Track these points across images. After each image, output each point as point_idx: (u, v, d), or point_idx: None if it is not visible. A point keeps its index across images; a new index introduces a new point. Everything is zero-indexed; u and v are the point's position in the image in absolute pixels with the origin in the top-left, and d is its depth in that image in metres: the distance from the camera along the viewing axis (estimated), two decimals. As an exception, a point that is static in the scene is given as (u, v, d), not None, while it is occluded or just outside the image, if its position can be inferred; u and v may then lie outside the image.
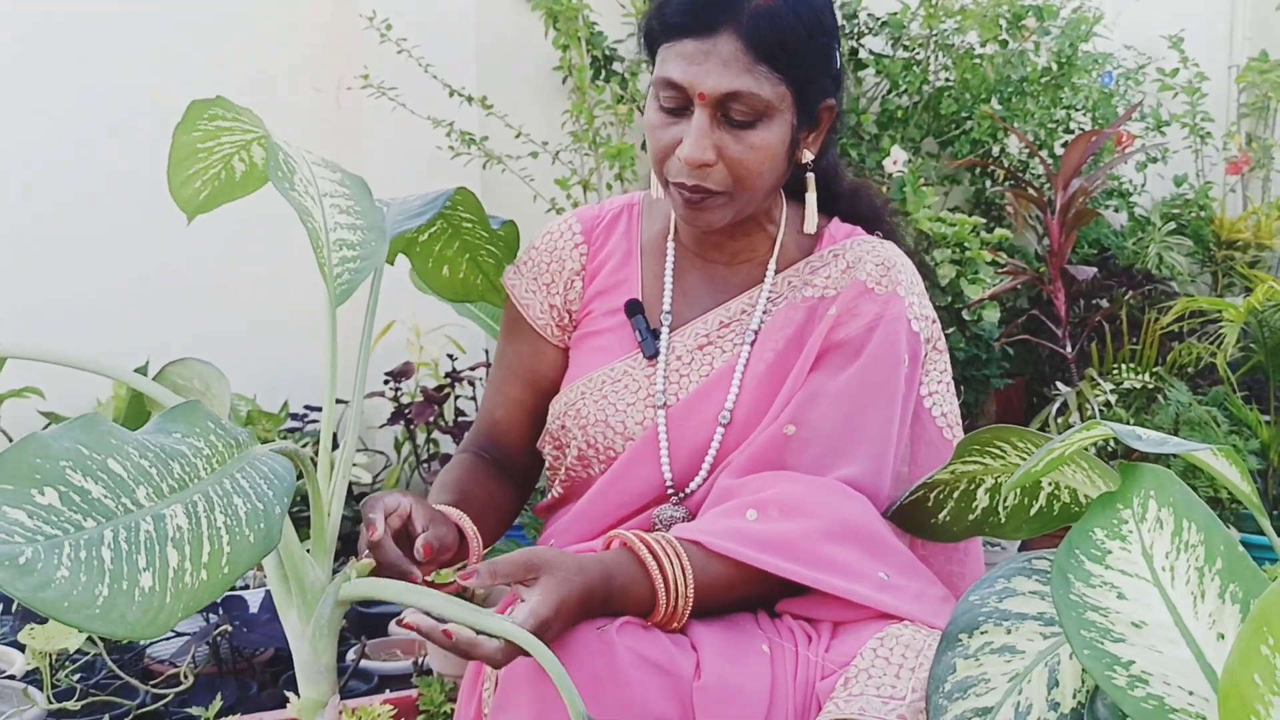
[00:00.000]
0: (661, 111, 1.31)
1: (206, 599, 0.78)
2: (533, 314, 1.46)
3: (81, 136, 3.05)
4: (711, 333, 1.40)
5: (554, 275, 1.46)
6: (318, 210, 1.08)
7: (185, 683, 1.87)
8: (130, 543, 0.76)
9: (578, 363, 1.44)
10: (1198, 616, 0.86)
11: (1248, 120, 4.81)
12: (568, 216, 1.51)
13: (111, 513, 0.78)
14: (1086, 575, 0.91)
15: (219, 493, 0.84)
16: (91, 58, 3.08)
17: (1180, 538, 0.90)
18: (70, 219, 3.04)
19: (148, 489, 0.81)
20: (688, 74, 1.26)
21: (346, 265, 1.09)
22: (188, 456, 0.86)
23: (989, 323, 3.25)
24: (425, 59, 3.15)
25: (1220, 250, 4.29)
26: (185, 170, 1.25)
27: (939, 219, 3.28)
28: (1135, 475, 0.96)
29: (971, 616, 0.99)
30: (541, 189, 3.27)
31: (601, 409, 1.38)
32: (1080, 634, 0.86)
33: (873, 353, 1.35)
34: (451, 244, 1.41)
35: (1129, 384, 2.91)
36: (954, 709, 0.95)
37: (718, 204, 1.32)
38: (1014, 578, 1.01)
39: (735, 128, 1.28)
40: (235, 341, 3.02)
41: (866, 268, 1.40)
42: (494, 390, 1.51)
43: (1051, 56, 3.93)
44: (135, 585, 0.75)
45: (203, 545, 0.80)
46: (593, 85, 3.36)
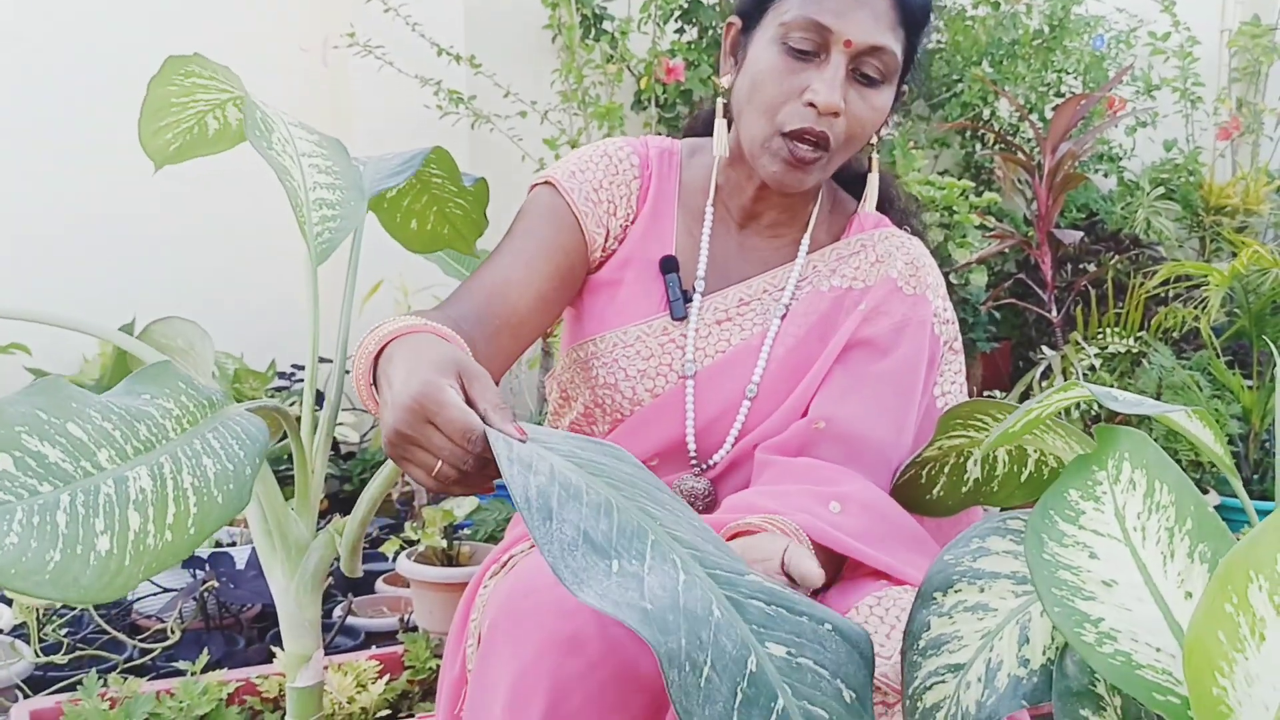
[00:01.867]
0: (787, 53, 1.25)
1: (171, 560, 0.78)
2: (589, 225, 1.35)
3: (66, 96, 3.03)
4: (731, 308, 1.37)
5: (615, 198, 1.37)
6: (296, 170, 1.08)
7: (172, 637, 1.89)
8: (88, 506, 0.76)
9: (596, 312, 1.38)
10: (1167, 575, 0.87)
11: (1238, 85, 4.80)
12: (620, 144, 1.41)
13: (70, 476, 0.78)
14: (1060, 535, 0.92)
15: (188, 454, 0.84)
16: (74, 16, 3.06)
17: (1152, 498, 0.90)
18: (58, 178, 3.03)
19: (110, 452, 0.80)
20: (839, 18, 1.22)
21: (327, 224, 1.09)
22: (155, 418, 0.86)
23: (976, 287, 3.26)
24: (413, 18, 3.14)
25: (1208, 215, 4.30)
26: (157, 122, 1.25)
27: (928, 182, 3.28)
28: (1110, 437, 0.96)
29: (946, 575, 1.00)
30: (530, 148, 3.26)
31: (611, 373, 1.35)
32: (1051, 592, 0.87)
33: (902, 355, 1.34)
34: (420, 198, 1.41)
35: (1113, 348, 2.92)
36: (927, 665, 0.97)
37: (819, 163, 1.27)
38: (989, 537, 1.02)
39: (862, 84, 1.25)
40: (223, 300, 3.02)
41: (897, 264, 1.38)
42: (514, 257, 1.30)
43: (1043, 19, 3.92)
44: (91, 549, 0.74)
45: (168, 507, 0.79)
46: (582, 44, 3.34)
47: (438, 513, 2.03)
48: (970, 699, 0.94)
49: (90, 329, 1.21)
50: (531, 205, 1.37)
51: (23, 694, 1.79)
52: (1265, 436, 2.92)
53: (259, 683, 1.76)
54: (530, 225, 1.34)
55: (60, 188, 3.03)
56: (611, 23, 3.46)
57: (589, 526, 0.80)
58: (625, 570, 0.78)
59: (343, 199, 1.13)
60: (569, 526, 0.79)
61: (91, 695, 1.60)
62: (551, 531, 0.78)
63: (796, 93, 1.24)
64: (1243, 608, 0.76)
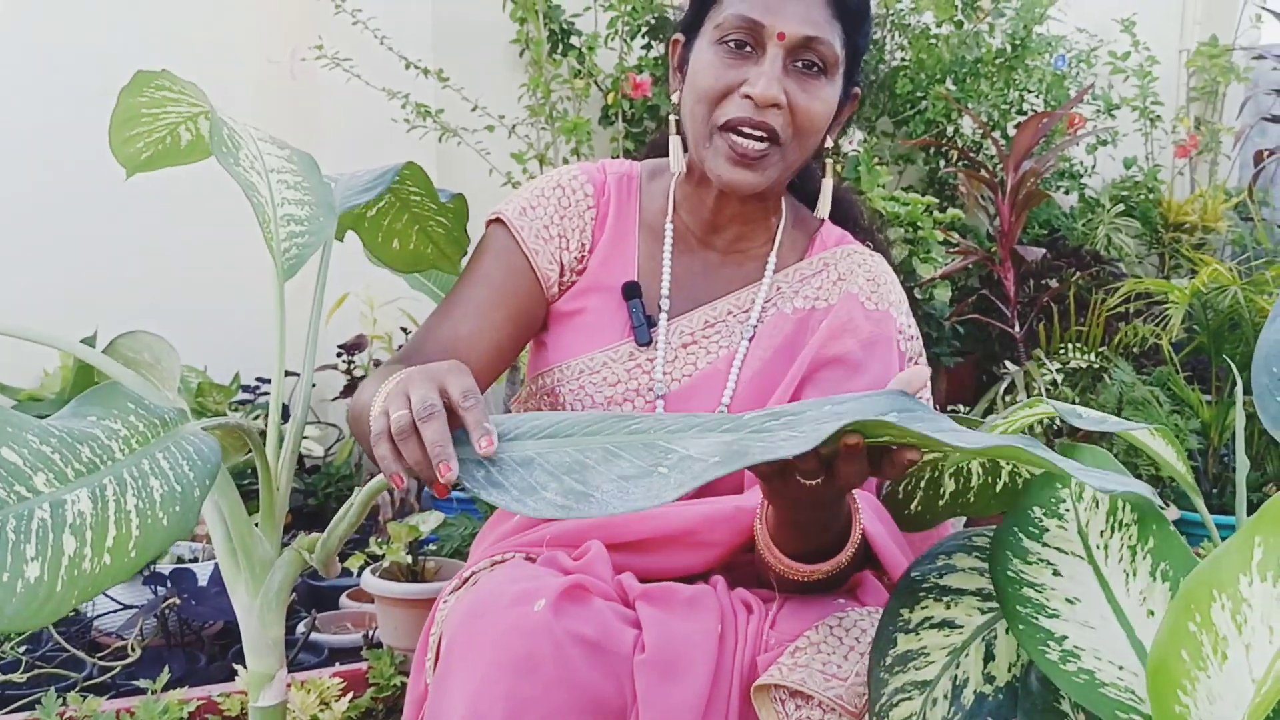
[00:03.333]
0: (724, 51, 1.26)
1: (108, 583, 0.76)
2: (540, 262, 1.35)
3: (32, 109, 3.00)
4: (696, 331, 1.37)
5: (566, 232, 1.37)
6: (264, 185, 1.07)
7: (133, 655, 1.86)
8: (19, 532, 0.75)
9: (561, 342, 1.38)
10: (1129, 594, 0.88)
11: (1197, 104, 4.87)
12: (575, 172, 1.41)
13: (0, 502, 0.76)
14: (1024, 552, 0.93)
15: (134, 475, 0.82)
16: (39, 28, 3.02)
17: (1115, 517, 0.91)
18: (22, 192, 3.00)
19: (48, 475, 0.79)
20: (769, 13, 1.24)
21: (294, 240, 1.08)
22: (100, 439, 0.84)
23: (940, 302, 3.29)
24: (381, 30, 3.13)
25: (1168, 232, 4.35)
26: (127, 131, 1.24)
27: (893, 198, 3.30)
28: (1073, 455, 0.97)
29: (912, 591, 1.01)
30: (497, 162, 3.26)
31: (579, 400, 1.34)
32: (1016, 609, 0.88)
33: (871, 375, 1.34)
34: (400, 217, 1.40)
35: (1075, 363, 2.95)
36: (894, 682, 0.97)
37: (770, 158, 1.27)
38: (954, 554, 1.02)
39: (802, 76, 1.26)
40: (187, 313, 2.98)
41: (859, 281, 1.39)
42: (464, 308, 1.32)
43: (1006, 38, 3.96)
44: (19, 576, 0.73)
45: (108, 530, 0.77)
46: (550, 59, 3.35)
47: (403, 528, 2.01)
48: (937, 715, 0.94)
49: (55, 342, 1.20)
50: (485, 247, 1.37)
51: (-21, 713, 1.76)
52: (1224, 451, 2.96)
53: (220, 701, 1.74)
54: (484, 271, 1.35)
55: (25, 201, 2.99)
56: (579, 38, 3.46)
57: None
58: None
59: (311, 215, 1.12)
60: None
61: (50, 714, 1.58)
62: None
63: (734, 87, 1.25)
64: (1205, 627, 0.76)
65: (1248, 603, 0.74)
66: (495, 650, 1.07)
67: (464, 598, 1.21)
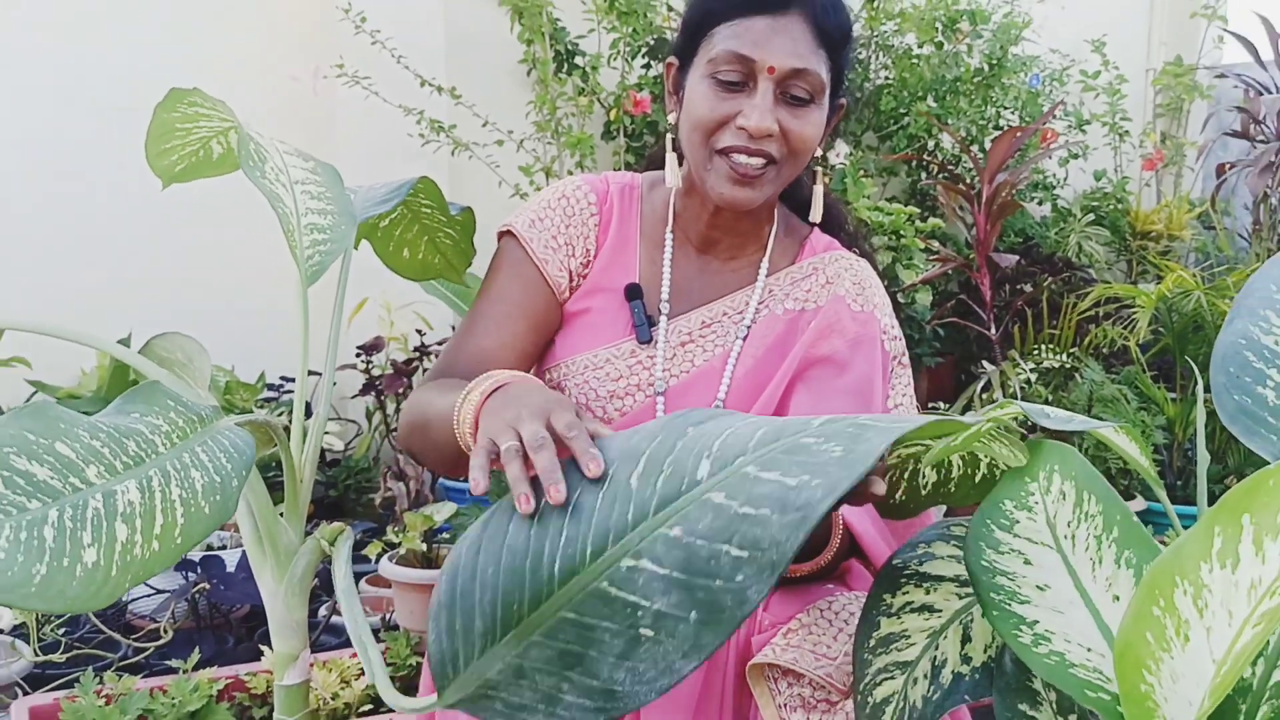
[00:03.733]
0: (718, 86, 1.27)
1: (157, 568, 0.77)
2: (550, 271, 1.37)
3: (68, 120, 3.01)
4: (694, 330, 1.38)
5: (572, 240, 1.38)
6: (289, 196, 1.08)
7: (165, 637, 1.87)
8: (75, 520, 0.76)
9: (569, 339, 1.39)
10: (1096, 580, 0.88)
11: (1163, 120, 4.88)
12: (578, 183, 1.42)
13: (57, 493, 0.77)
14: (997, 543, 0.93)
15: (176, 467, 0.83)
16: (76, 41, 3.04)
17: (1081, 508, 0.92)
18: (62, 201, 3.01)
19: (99, 468, 0.80)
20: (758, 49, 1.24)
21: (317, 248, 1.09)
22: (145, 434, 0.85)
23: (921, 305, 3.29)
24: (397, 50, 3.14)
25: (1135, 240, 4.36)
26: (162, 144, 1.24)
27: (877, 208, 3.31)
28: (1042, 451, 0.98)
29: (894, 578, 1.01)
30: (506, 175, 3.26)
31: (583, 392, 1.35)
32: (990, 596, 0.88)
33: (857, 372, 1.35)
34: (411, 228, 1.40)
35: (1048, 364, 2.96)
36: (877, 662, 0.97)
37: (766, 179, 1.28)
38: (934, 543, 1.03)
39: (792, 104, 1.26)
40: (215, 315, 2.99)
41: (845, 284, 1.40)
42: (486, 324, 1.35)
43: (983, 58, 3.97)
44: (78, 561, 0.74)
45: (155, 518, 0.78)
46: (555, 78, 3.35)
47: (418, 517, 2.02)
48: (917, 694, 0.95)
49: (95, 342, 1.20)
50: (500, 261, 1.39)
51: (22, 691, 1.76)
52: (1188, 446, 2.96)
53: (248, 679, 1.74)
54: (501, 285, 1.37)
55: (65, 209, 3.00)
56: (583, 58, 3.47)
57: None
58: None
59: (333, 224, 1.13)
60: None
61: (88, 692, 1.58)
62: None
63: (730, 118, 1.26)
64: (1169, 610, 0.77)
65: (1208, 588, 0.75)
66: None
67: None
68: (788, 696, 1.08)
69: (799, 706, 1.07)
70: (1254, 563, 0.73)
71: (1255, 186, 3.19)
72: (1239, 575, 0.73)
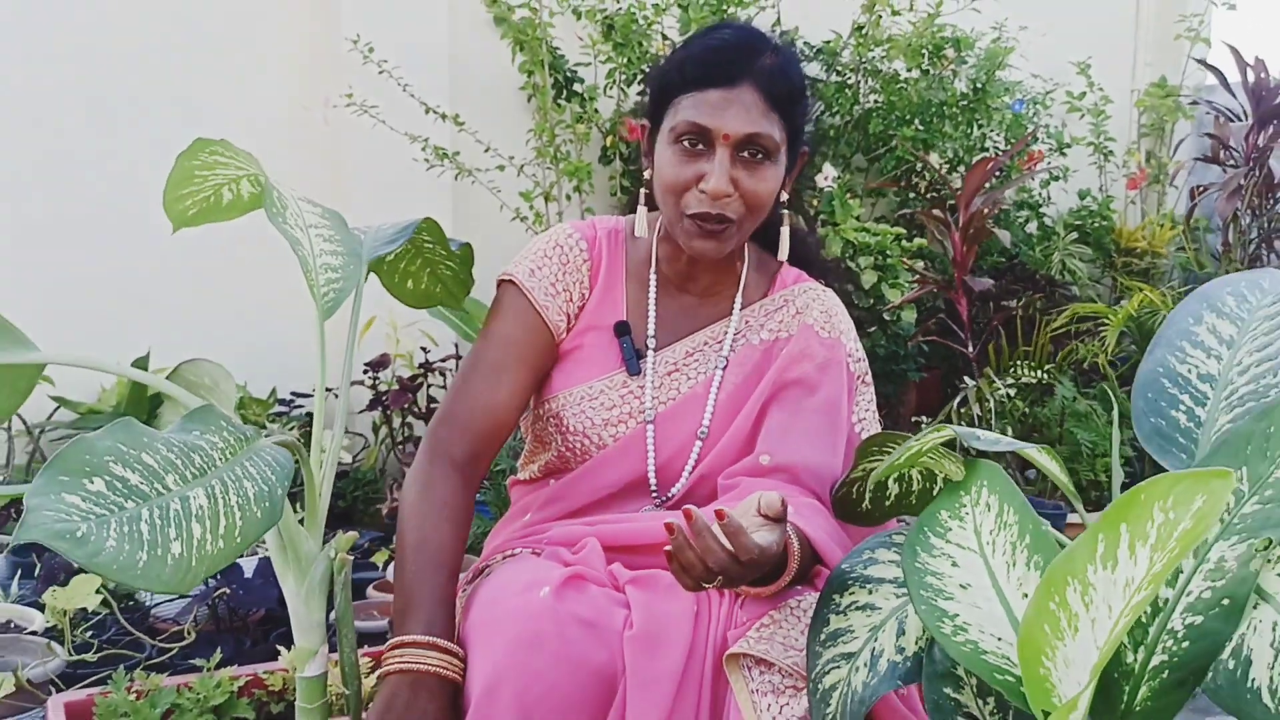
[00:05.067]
0: (681, 152, 1.41)
1: (223, 562, 0.92)
2: (551, 316, 1.49)
3: (87, 147, 3.15)
4: (679, 360, 1.52)
5: (569, 285, 1.51)
6: (305, 240, 1.21)
7: (188, 638, 2.00)
8: (162, 519, 0.91)
9: (564, 373, 1.52)
10: (1009, 580, 1.01)
11: (1147, 140, 5.01)
12: (569, 231, 1.55)
13: (146, 495, 0.92)
14: (930, 547, 1.07)
15: (232, 478, 0.98)
16: (96, 72, 3.17)
17: (1002, 518, 1.05)
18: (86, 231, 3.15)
19: (175, 476, 0.95)
20: (715, 118, 1.38)
21: (331, 285, 1.23)
22: (205, 450, 1.00)
23: (907, 323, 3.43)
24: (404, 79, 3.27)
25: (1120, 257, 4.49)
26: (179, 190, 1.37)
27: (864, 229, 3.45)
28: (975, 468, 1.11)
29: (842, 580, 1.15)
30: (507, 199, 3.40)
31: (580, 421, 1.49)
32: (920, 593, 1.02)
33: (825, 393, 1.50)
34: (415, 261, 1.54)
35: (1027, 379, 3.09)
36: (826, 654, 1.11)
37: (728, 234, 1.43)
38: (877, 549, 1.16)
39: (749, 165, 1.40)
40: (226, 332, 3.14)
41: (814, 314, 1.54)
42: (497, 373, 1.47)
43: (969, 83, 4.10)
44: (168, 552, 0.89)
45: (219, 520, 0.94)
46: (554, 106, 3.49)
47: (423, 527, 2.15)
48: (859, 680, 1.08)
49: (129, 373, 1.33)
50: (501, 307, 1.51)
51: (56, 689, 1.89)
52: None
53: (265, 677, 1.87)
54: (503, 330, 1.50)
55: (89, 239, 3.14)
56: (581, 85, 3.61)
57: None
58: None
59: (344, 263, 1.26)
60: None
61: (120, 688, 1.71)
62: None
63: (694, 181, 1.40)
64: (1062, 605, 0.90)
65: (1094, 586, 0.88)
66: (507, 629, 1.22)
67: (480, 586, 1.36)
68: (760, 683, 1.20)
69: (769, 691, 1.20)
70: (1128, 564, 0.86)
71: (1224, 210, 3.33)
72: (1117, 575, 0.87)
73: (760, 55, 1.40)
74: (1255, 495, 0.94)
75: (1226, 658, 0.89)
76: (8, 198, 3.08)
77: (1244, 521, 0.94)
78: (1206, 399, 1.20)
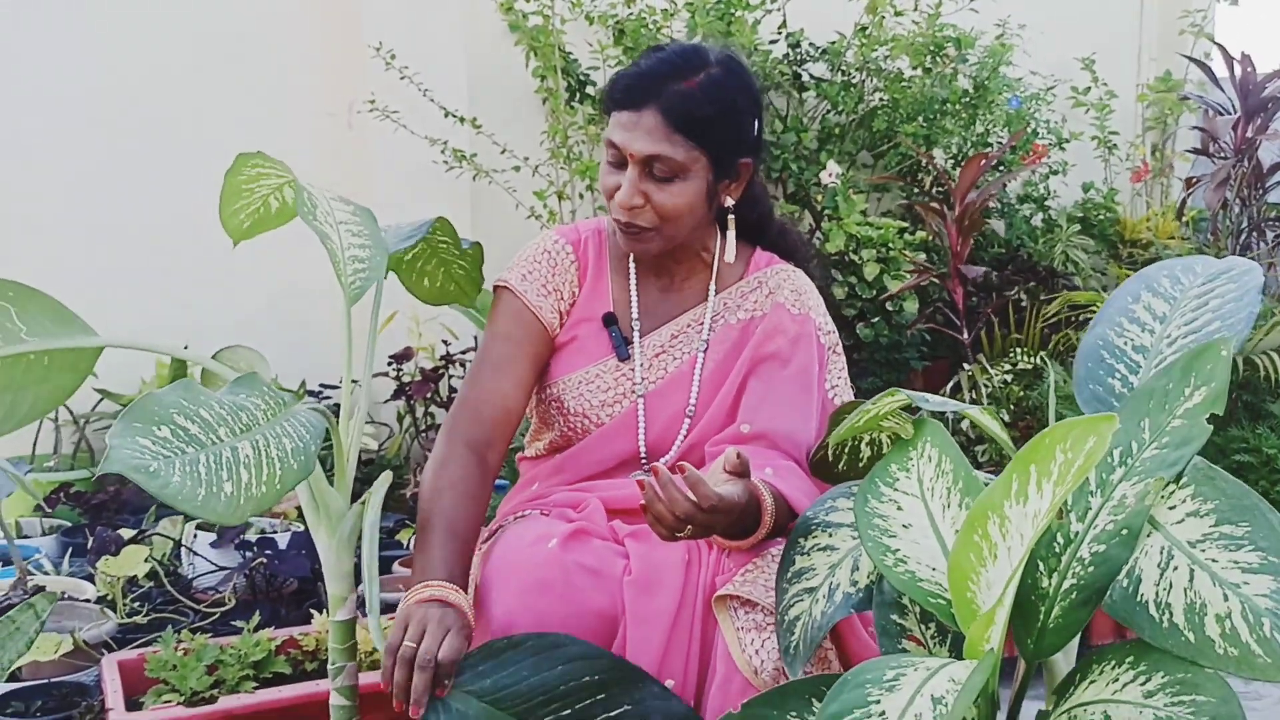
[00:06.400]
0: (607, 163, 1.61)
1: (268, 503, 1.09)
2: (545, 315, 1.67)
3: (132, 152, 3.34)
4: (665, 343, 1.69)
5: (559, 285, 1.69)
6: (335, 235, 1.38)
7: (229, 604, 2.18)
8: (216, 463, 1.08)
9: (561, 361, 1.70)
10: (944, 519, 1.16)
11: (1151, 133, 5.10)
12: (555, 236, 1.72)
13: (203, 444, 1.09)
14: (880, 494, 1.22)
15: (273, 435, 1.15)
16: (139, 79, 3.36)
17: (940, 467, 1.20)
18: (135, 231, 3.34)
19: (227, 429, 1.12)
20: (622, 138, 1.56)
21: (358, 274, 1.39)
22: (250, 410, 1.17)
23: (909, 312, 3.56)
24: (424, 84, 3.44)
25: (1124, 248, 4.59)
26: (232, 205, 1.53)
27: (867, 224, 3.58)
28: (921, 426, 1.27)
29: (806, 525, 1.31)
30: (523, 198, 3.56)
31: (580, 403, 1.67)
32: (868, 534, 1.17)
33: (797, 364, 1.66)
34: (430, 261, 1.70)
35: (1022, 366, 3.23)
36: (792, 590, 1.27)
37: (647, 237, 1.61)
38: (837, 499, 1.32)
39: (658, 181, 1.57)
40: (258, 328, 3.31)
41: (785, 293, 1.71)
42: (503, 369, 1.63)
43: (971, 80, 4.22)
44: (221, 490, 1.06)
45: (264, 468, 1.11)
46: (567, 108, 3.64)
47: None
48: (818, 610, 1.24)
49: (176, 352, 1.50)
50: (500, 311, 1.68)
51: (109, 650, 2.07)
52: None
53: (300, 638, 2.04)
54: (504, 331, 1.67)
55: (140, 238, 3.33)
56: (594, 87, 3.76)
57: None
58: None
59: (370, 255, 1.43)
60: None
61: (169, 645, 1.88)
62: None
63: (614, 191, 1.58)
64: (985, 537, 1.05)
65: (1009, 520, 1.03)
66: (521, 577, 1.40)
67: (495, 543, 1.53)
68: (744, 621, 1.37)
69: (752, 629, 1.36)
70: (1036, 498, 1.01)
71: (1211, 201, 3.45)
72: (1027, 508, 1.02)
73: (669, 81, 1.54)
74: (1154, 442, 1.09)
75: (1122, 578, 1.04)
76: (71, 200, 3.27)
77: (1144, 465, 1.08)
78: (1139, 368, 1.35)
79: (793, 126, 3.96)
